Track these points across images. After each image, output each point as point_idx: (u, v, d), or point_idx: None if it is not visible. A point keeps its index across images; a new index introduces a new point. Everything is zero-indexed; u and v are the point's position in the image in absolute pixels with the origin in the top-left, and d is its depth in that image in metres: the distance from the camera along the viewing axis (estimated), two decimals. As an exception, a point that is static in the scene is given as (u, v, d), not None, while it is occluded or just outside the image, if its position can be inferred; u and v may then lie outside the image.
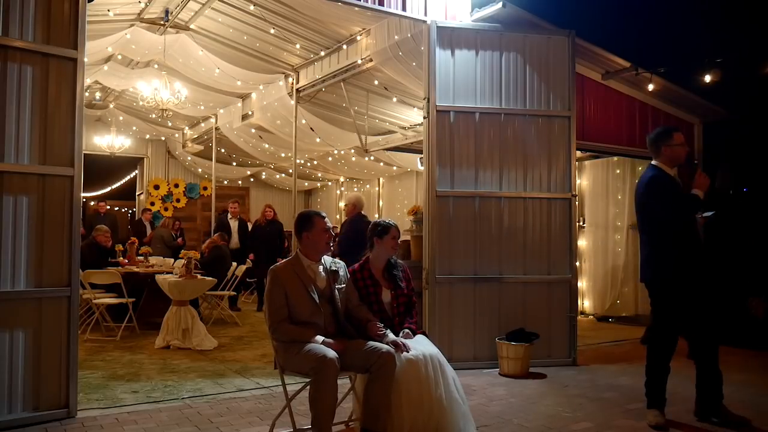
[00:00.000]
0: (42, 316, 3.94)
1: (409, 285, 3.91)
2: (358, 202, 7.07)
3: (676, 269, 3.97)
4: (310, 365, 3.18)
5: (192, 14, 7.32)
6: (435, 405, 3.34)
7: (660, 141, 4.12)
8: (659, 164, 4.12)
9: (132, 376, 5.13)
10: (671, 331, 4.04)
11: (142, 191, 14.70)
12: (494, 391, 4.79)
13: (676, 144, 4.09)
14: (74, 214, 4.08)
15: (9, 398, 3.81)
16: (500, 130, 5.78)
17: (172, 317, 6.41)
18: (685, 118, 8.00)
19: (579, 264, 8.62)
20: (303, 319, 3.44)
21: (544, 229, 5.84)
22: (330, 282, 3.57)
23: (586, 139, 6.83)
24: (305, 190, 16.66)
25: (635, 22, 12.54)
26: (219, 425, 3.88)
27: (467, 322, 5.60)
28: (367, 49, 6.92)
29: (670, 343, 4.04)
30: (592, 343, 6.78)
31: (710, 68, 6.73)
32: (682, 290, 3.96)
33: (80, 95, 4.12)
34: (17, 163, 3.90)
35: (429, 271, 5.56)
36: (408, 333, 3.65)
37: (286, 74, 8.63)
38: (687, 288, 3.96)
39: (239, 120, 10.36)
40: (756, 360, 6.10)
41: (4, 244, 3.83)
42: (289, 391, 3.49)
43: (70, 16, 4.10)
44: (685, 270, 3.96)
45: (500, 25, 5.84)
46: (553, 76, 5.91)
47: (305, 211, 3.67)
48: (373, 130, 9.31)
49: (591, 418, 4.10)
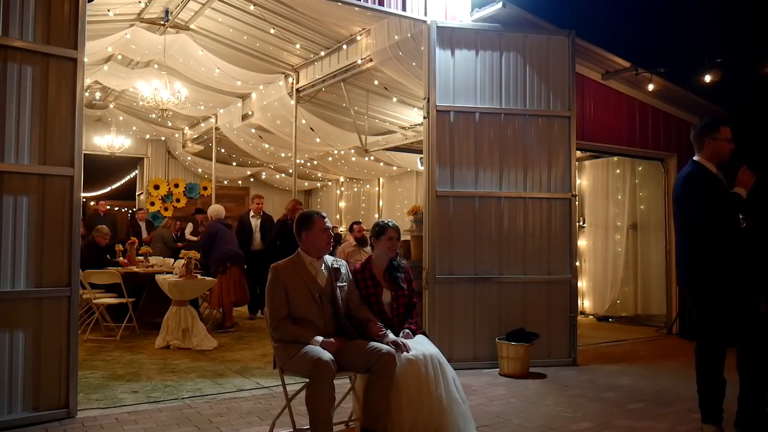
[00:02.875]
0: (42, 316, 3.94)
1: (410, 286, 3.90)
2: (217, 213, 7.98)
3: (714, 275, 3.64)
4: (306, 367, 3.19)
5: (192, 14, 7.32)
6: (435, 405, 3.34)
7: (704, 134, 3.76)
8: (701, 159, 3.76)
9: (132, 376, 5.13)
10: (716, 339, 3.66)
11: (142, 191, 14.70)
12: (494, 391, 4.79)
13: (722, 138, 3.72)
14: (74, 214, 4.08)
15: (9, 398, 3.80)
16: (500, 130, 5.78)
17: (172, 317, 6.41)
18: (685, 118, 7.99)
19: (579, 264, 8.62)
20: (303, 317, 3.44)
21: (544, 229, 5.84)
22: (331, 281, 3.57)
23: (586, 139, 6.83)
24: (305, 190, 16.66)
25: (635, 22, 12.54)
26: (219, 425, 3.89)
27: (467, 322, 5.60)
28: (367, 49, 6.92)
29: (718, 352, 3.64)
30: (592, 343, 6.78)
31: (710, 68, 6.73)
32: (723, 297, 3.63)
33: (80, 95, 4.12)
34: (17, 163, 3.90)
35: (429, 271, 5.56)
36: (408, 333, 3.65)
37: (286, 74, 8.63)
38: (728, 295, 3.62)
39: (239, 120, 10.36)
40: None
41: (4, 244, 3.83)
42: (289, 391, 3.49)
43: (70, 16, 4.10)
44: (724, 276, 3.63)
45: (500, 25, 5.84)
46: (553, 76, 5.91)
47: (305, 211, 3.68)
48: (373, 130, 9.32)
49: (591, 418, 4.10)
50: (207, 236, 7.79)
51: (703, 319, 3.71)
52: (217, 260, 7.58)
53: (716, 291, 3.65)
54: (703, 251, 3.68)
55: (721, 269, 3.63)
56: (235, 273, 7.62)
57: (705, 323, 3.70)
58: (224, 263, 7.56)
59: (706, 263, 3.67)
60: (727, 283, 3.63)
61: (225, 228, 7.85)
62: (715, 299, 3.66)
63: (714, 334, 3.67)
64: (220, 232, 7.71)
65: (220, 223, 7.84)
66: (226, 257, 7.60)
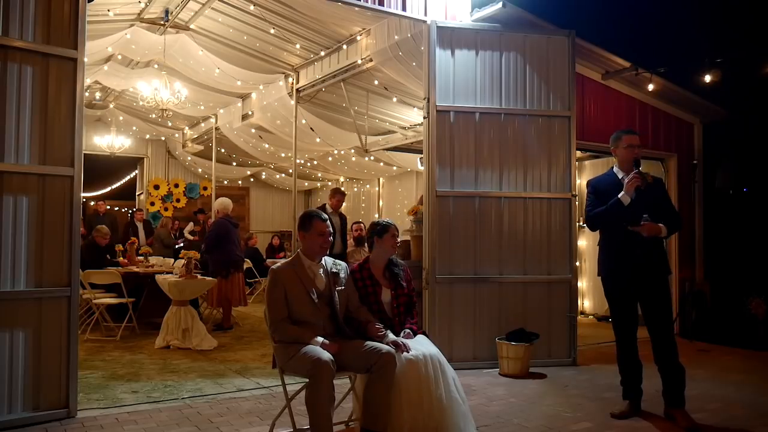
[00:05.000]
0: (42, 316, 3.94)
1: (409, 285, 3.90)
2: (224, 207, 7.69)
3: (606, 269, 4.18)
4: (306, 367, 3.19)
5: (192, 14, 7.32)
6: (435, 405, 3.34)
7: (612, 144, 4.28)
8: (615, 167, 4.28)
9: (132, 376, 5.13)
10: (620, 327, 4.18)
11: (142, 191, 14.70)
12: (494, 391, 4.79)
13: (622, 146, 4.18)
14: (74, 214, 4.08)
15: (9, 398, 3.81)
16: (500, 130, 5.78)
17: (172, 317, 6.41)
18: (685, 118, 8.00)
19: (579, 264, 8.61)
20: (301, 318, 3.45)
21: (544, 229, 5.84)
22: (330, 283, 3.57)
23: (586, 139, 6.83)
24: (305, 190, 16.66)
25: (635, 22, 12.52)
26: (219, 425, 3.89)
27: (467, 322, 5.60)
28: (367, 49, 6.92)
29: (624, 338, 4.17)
30: (592, 343, 6.78)
31: (710, 68, 6.72)
32: (617, 289, 4.12)
33: (80, 95, 4.12)
34: (17, 163, 3.90)
35: (429, 271, 5.56)
36: (408, 333, 3.65)
37: (286, 74, 8.63)
38: (623, 287, 4.08)
39: (239, 120, 10.36)
40: (756, 360, 6.10)
41: (4, 244, 3.84)
42: (289, 391, 3.49)
43: (70, 16, 4.10)
44: (615, 269, 4.10)
45: (500, 25, 5.84)
46: (553, 76, 5.91)
47: (308, 212, 3.67)
48: (373, 130, 9.32)
49: (591, 418, 4.10)
50: (214, 235, 7.46)
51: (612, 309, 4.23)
52: (222, 263, 7.39)
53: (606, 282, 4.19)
54: (600, 247, 4.24)
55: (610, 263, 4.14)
56: (238, 278, 7.54)
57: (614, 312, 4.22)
58: (228, 268, 7.40)
59: (600, 257, 4.24)
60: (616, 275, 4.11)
61: (233, 228, 7.63)
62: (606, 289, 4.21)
63: (614, 321, 4.22)
64: (228, 234, 7.47)
65: (228, 222, 7.59)
66: (230, 262, 7.45)
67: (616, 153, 4.24)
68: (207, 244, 7.56)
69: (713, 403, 4.46)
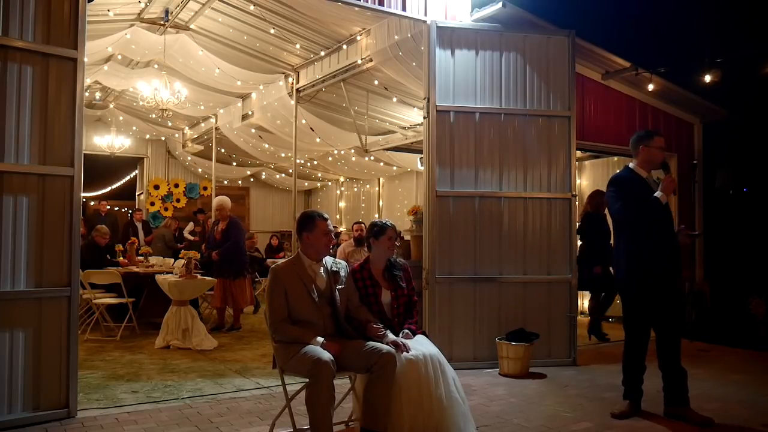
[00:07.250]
0: (42, 316, 3.94)
1: (409, 285, 3.90)
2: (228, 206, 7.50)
3: (628, 270, 4.08)
4: (306, 367, 3.19)
5: (192, 14, 7.32)
6: (435, 405, 3.34)
7: (639, 141, 4.21)
8: (634, 166, 4.22)
9: (132, 376, 5.13)
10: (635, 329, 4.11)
11: (142, 191, 14.70)
12: (494, 391, 4.79)
13: (654, 146, 4.15)
14: (74, 214, 4.08)
15: (9, 398, 3.81)
16: (500, 130, 5.78)
17: (172, 317, 6.41)
18: (685, 118, 8.00)
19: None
20: (302, 318, 3.45)
21: (544, 229, 5.84)
22: (330, 283, 3.57)
23: (586, 139, 6.83)
24: (305, 190, 16.68)
25: (635, 22, 12.54)
26: (219, 425, 3.89)
27: (467, 322, 5.60)
28: (367, 49, 6.92)
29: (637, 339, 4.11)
30: (592, 343, 6.78)
31: (710, 68, 6.73)
32: (639, 291, 4.04)
33: (80, 95, 4.12)
34: (17, 163, 3.90)
35: (429, 271, 5.56)
36: (408, 333, 3.65)
37: (286, 74, 8.63)
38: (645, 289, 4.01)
39: (239, 120, 10.37)
40: (756, 360, 6.10)
41: (4, 244, 3.83)
42: (289, 391, 3.49)
43: (70, 16, 4.10)
44: (641, 272, 4.01)
45: (500, 25, 5.84)
46: (553, 76, 5.91)
47: (308, 211, 3.66)
48: (373, 130, 9.32)
49: (591, 418, 4.10)
50: (238, 238, 7.33)
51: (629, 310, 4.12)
52: (245, 264, 7.48)
53: (625, 284, 4.10)
54: (621, 247, 4.13)
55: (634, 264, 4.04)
56: (246, 279, 7.59)
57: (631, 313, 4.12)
58: (242, 270, 7.42)
59: (621, 258, 4.12)
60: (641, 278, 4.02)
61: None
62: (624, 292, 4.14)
63: (627, 323, 4.14)
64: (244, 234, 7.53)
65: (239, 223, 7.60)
66: (244, 263, 7.51)
67: (642, 152, 4.16)
68: (231, 247, 7.29)
69: (713, 403, 4.45)
